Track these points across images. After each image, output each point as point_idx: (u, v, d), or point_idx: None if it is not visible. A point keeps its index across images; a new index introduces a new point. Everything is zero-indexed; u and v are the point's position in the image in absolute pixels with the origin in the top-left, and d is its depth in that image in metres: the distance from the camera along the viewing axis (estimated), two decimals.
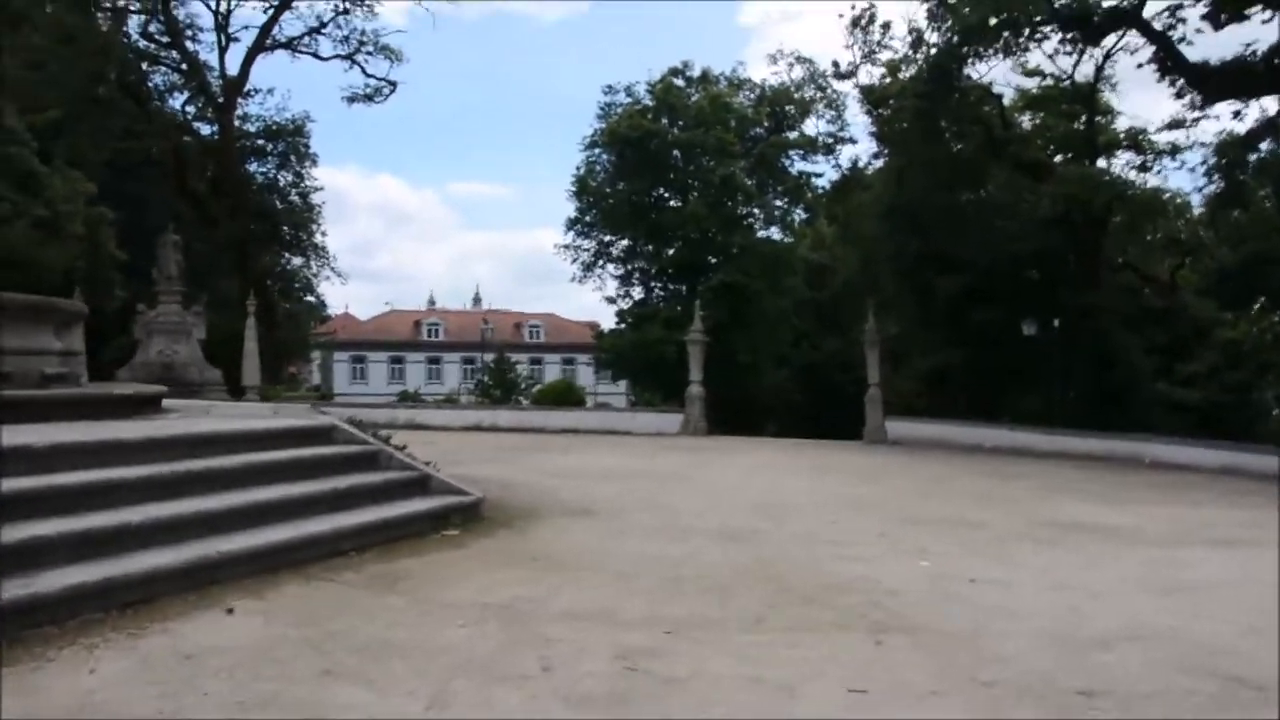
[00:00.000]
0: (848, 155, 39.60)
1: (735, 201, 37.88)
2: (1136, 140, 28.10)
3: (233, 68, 32.02)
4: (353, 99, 34.04)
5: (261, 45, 31.62)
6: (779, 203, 41.60)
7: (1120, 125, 29.00)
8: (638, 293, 40.72)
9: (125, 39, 29.43)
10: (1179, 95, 23.43)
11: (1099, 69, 26.14)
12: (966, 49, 23.83)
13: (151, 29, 31.18)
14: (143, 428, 7.48)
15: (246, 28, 32.17)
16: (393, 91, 34.08)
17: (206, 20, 31.94)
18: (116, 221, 22.28)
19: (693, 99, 38.54)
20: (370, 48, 33.16)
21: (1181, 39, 21.74)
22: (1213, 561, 8.07)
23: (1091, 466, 17.65)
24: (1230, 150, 22.40)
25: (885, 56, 27.69)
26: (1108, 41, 24.73)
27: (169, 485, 6.39)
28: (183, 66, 32.04)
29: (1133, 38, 23.62)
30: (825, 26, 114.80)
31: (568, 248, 40.76)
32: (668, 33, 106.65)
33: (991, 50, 24.19)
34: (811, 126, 40.25)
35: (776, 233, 41.49)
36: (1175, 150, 27.26)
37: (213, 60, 32.17)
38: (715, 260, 37.80)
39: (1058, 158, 28.36)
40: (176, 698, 3.94)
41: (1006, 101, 27.77)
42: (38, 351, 8.51)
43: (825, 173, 40.01)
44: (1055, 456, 19.27)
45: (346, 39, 32.96)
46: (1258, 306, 27.41)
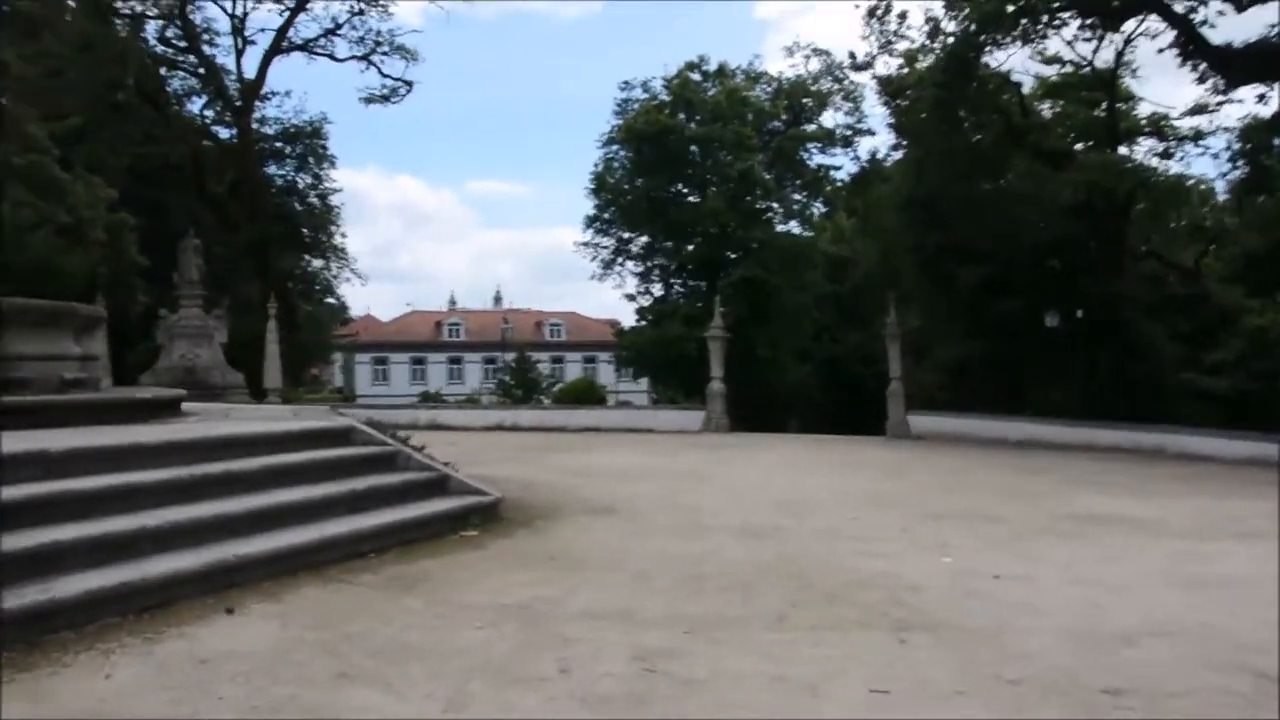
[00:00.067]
0: (866, 147, 39.35)
1: (754, 196, 37.61)
2: (1159, 126, 27.60)
3: (250, 71, 32.25)
4: (369, 100, 34.08)
5: (278, 47, 31.76)
6: (798, 196, 41.54)
7: (1142, 111, 28.47)
8: (657, 289, 40.68)
9: (143, 45, 29.59)
10: (1201, 80, 23.05)
11: (1119, 54, 25.75)
12: (984, 37, 23.55)
13: (169, 34, 31.43)
14: (161, 431, 7.51)
15: (263, 30, 32.24)
16: (409, 91, 34.11)
17: (223, 24, 32.14)
18: (137, 227, 22.49)
19: (710, 93, 38.40)
20: (386, 48, 33.20)
21: (1203, 22, 21.34)
22: (1240, 555, 7.92)
23: (1116, 458, 17.42)
24: (1255, 134, 22.07)
25: (902, 46, 27.30)
26: (1128, 26, 24.40)
27: (186, 489, 6.41)
28: (200, 71, 32.26)
29: (1153, 22, 23.25)
30: (842, 18, 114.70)
31: (587, 245, 40.79)
32: (684, 29, 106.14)
33: (1009, 38, 23.88)
34: (829, 119, 40.19)
35: (796, 227, 41.40)
36: (1198, 136, 26.72)
37: (230, 64, 32.40)
38: (734, 255, 37.54)
39: (1078, 145, 27.89)
40: (191, 702, 3.94)
41: (1025, 90, 27.39)
42: (57, 356, 8.59)
43: (844, 165, 40.03)
44: (1079, 449, 19.04)
45: (362, 39, 33.02)
46: None
